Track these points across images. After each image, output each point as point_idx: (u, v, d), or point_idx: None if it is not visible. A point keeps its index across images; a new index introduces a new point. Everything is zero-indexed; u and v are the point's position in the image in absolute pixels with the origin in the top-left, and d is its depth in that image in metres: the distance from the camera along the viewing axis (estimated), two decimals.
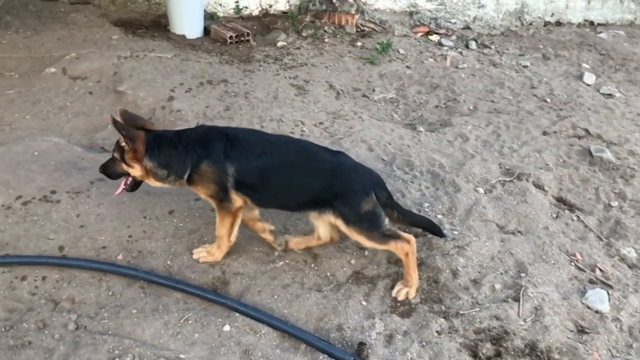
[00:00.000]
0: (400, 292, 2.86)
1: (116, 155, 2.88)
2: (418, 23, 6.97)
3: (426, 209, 3.54)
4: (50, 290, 2.73)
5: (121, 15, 6.70)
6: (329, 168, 2.84)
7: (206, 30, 6.45)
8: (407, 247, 2.82)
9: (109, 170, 2.99)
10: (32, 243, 2.99)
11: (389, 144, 4.24)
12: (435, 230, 3.13)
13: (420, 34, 6.94)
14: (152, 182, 2.90)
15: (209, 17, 6.59)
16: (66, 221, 3.16)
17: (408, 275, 2.87)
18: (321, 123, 4.50)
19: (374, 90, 5.48)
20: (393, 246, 2.83)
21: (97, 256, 2.95)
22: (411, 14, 7.03)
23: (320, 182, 2.81)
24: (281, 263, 3.00)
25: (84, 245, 3.00)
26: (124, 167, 2.87)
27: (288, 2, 6.88)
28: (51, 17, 6.39)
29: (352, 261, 3.07)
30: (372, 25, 6.84)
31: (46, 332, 2.51)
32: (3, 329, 2.50)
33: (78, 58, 5.27)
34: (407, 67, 5.97)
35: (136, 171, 2.85)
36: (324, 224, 2.98)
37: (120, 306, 2.67)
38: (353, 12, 6.76)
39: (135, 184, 3.00)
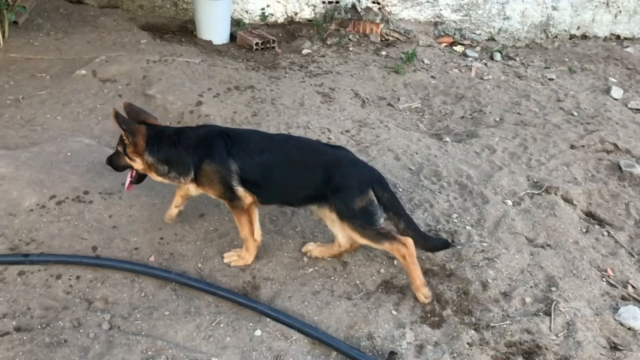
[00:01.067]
0: (423, 289, 2.84)
1: (119, 148, 2.95)
2: (442, 33, 6.98)
3: (454, 220, 3.53)
4: (85, 290, 2.76)
5: (149, 20, 6.79)
6: (328, 161, 2.87)
7: (232, 37, 6.51)
8: (403, 249, 2.78)
9: (114, 163, 3.06)
10: (67, 242, 3.03)
11: (416, 153, 4.24)
12: (442, 248, 3.09)
13: (444, 45, 6.94)
14: (154, 177, 2.97)
15: (235, 23, 6.66)
16: (99, 222, 3.20)
17: (411, 279, 2.85)
18: (347, 131, 4.52)
19: (399, 99, 5.49)
20: (388, 246, 2.80)
21: (130, 257, 2.98)
22: (436, 24, 7.04)
23: (319, 176, 2.83)
24: (311, 270, 3.01)
25: (117, 246, 3.03)
26: (127, 160, 2.94)
27: (313, 10, 6.92)
28: (81, 20, 6.49)
29: (382, 270, 3.07)
30: (396, 35, 6.85)
31: (81, 330, 2.53)
32: (39, 327, 2.54)
33: (108, 61, 5.35)
34: (432, 77, 5.97)
35: (138, 165, 2.93)
36: (340, 231, 2.95)
37: (152, 307, 2.69)
38: (378, 21, 6.78)
39: (140, 177, 3.07)
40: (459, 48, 6.87)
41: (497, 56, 6.72)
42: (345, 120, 4.68)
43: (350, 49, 6.48)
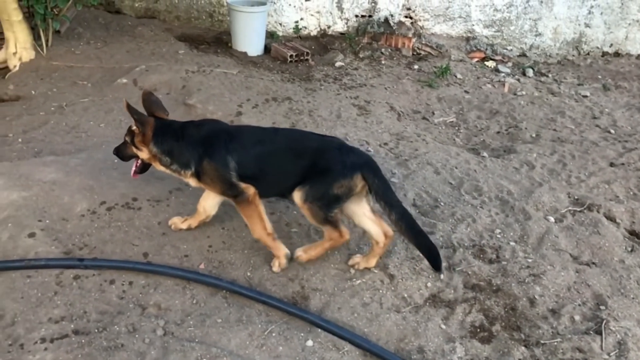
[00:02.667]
0: (300, 256, 3.00)
1: (127, 138, 3.09)
2: (474, 48, 7.00)
3: (498, 235, 3.53)
4: (138, 295, 2.80)
5: (185, 31, 6.92)
6: (315, 148, 2.93)
7: (266, 49, 6.61)
8: (334, 236, 2.91)
9: (121, 153, 3.21)
10: (118, 248, 3.08)
11: (455, 167, 4.25)
12: (433, 259, 2.97)
13: (475, 60, 6.96)
14: (158, 167, 3.09)
15: (269, 35, 6.75)
16: (148, 228, 3.25)
17: (316, 246, 3.00)
18: (386, 144, 4.54)
19: (433, 113, 5.51)
20: (326, 230, 2.92)
21: (180, 264, 3.02)
22: (467, 39, 7.06)
23: (306, 162, 2.88)
24: (358, 282, 3.02)
25: (167, 253, 3.08)
26: (134, 149, 3.07)
27: (346, 23, 6.99)
28: (119, 30, 6.64)
29: (429, 284, 3.07)
30: (428, 49, 6.89)
31: (136, 335, 2.57)
32: (96, 330, 2.58)
33: (147, 70, 5.46)
34: (466, 91, 5.99)
35: (144, 154, 3.05)
36: (363, 219, 3.01)
37: (205, 315, 2.72)
38: (410, 35, 6.83)
39: (144, 167, 3.17)
40: (490, 63, 6.89)
41: (530, 72, 6.72)
42: (383, 133, 4.72)
43: (383, 62, 6.53)
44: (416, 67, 6.47)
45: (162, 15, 7.03)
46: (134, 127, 3.00)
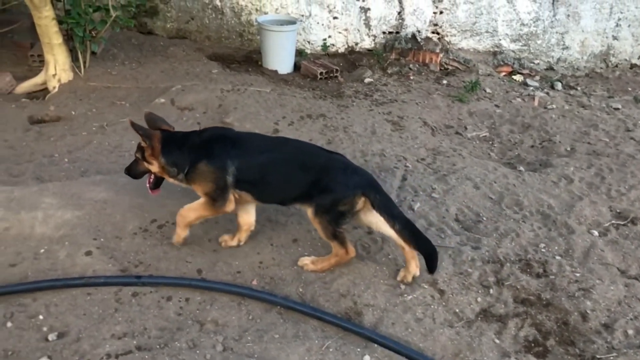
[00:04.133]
0: (306, 264, 3.16)
1: (138, 155, 3.20)
2: (501, 63, 7.04)
3: (542, 250, 3.53)
4: (195, 312, 2.86)
5: (215, 50, 7.06)
6: (321, 164, 3.07)
7: (295, 66, 6.70)
8: (341, 252, 3.06)
9: (133, 171, 3.31)
10: (172, 265, 3.15)
11: (494, 182, 4.27)
12: (428, 261, 3.06)
13: (503, 74, 7.00)
14: (167, 178, 3.21)
15: (297, 53, 6.85)
16: (199, 245, 3.32)
17: (323, 260, 3.14)
18: (423, 159, 4.58)
19: (466, 128, 5.54)
20: (334, 246, 3.06)
21: (234, 280, 3.08)
22: (495, 53, 7.11)
23: (310, 177, 3.02)
24: (410, 297, 3.05)
25: (220, 269, 3.14)
26: (145, 165, 3.18)
27: (373, 40, 7.08)
28: (152, 50, 6.79)
29: (479, 299, 3.09)
30: (455, 64, 6.94)
31: (197, 351, 2.62)
32: (158, 346, 2.63)
33: (183, 90, 5.57)
34: (496, 106, 6.01)
35: (155, 167, 3.16)
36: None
37: (262, 330, 2.77)
38: (437, 51, 6.89)
39: (157, 181, 3.28)
40: (518, 77, 6.91)
41: (558, 85, 6.73)
42: (419, 149, 4.76)
43: (411, 77, 6.59)
44: (445, 82, 6.52)
45: (193, 35, 7.18)
46: (143, 143, 3.13)
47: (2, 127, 4.88)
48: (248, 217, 3.32)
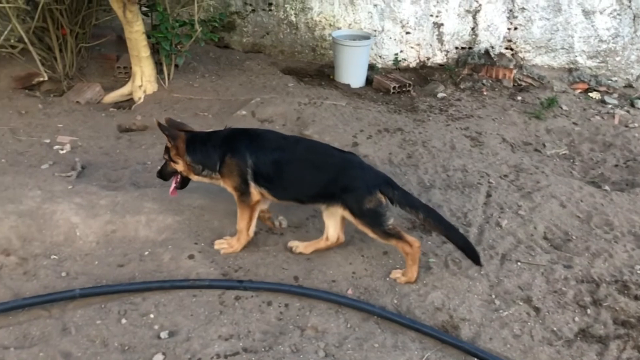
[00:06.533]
0: (399, 278, 3.20)
1: (166, 157, 3.40)
2: (577, 80, 6.90)
3: (638, 272, 3.45)
4: (295, 317, 2.95)
5: (289, 64, 7.24)
6: (337, 163, 3.18)
7: (367, 80, 6.79)
8: (407, 248, 3.10)
9: (163, 173, 3.50)
10: (270, 271, 3.26)
11: (581, 201, 4.20)
12: (470, 253, 3.16)
13: (578, 91, 6.85)
14: (193, 177, 3.38)
15: (369, 67, 6.94)
16: (294, 253, 3.42)
17: (408, 269, 3.17)
18: (506, 176, 4.56)
19: (544, 145, 5.47)
20: (394, 243, 3.13)
21: (330, 289, 3.16)
22: (570, 70, 6.98)
23: (327, 176, 3.14)
24: (505, 313, 3.04)
25: (316, 278, 3.23)
26: (173, 165, 3.37)
27: (446, 55, 7.10)
28: (228, 64, 7.04)
29: (576, 318, 3.05)
30: (529, 80, 6.86)
31: (300, 356, 2.71)
32: (263, 349, 2.74)
33: (263, 102, 5.74)
34: (574, 123, 5.91)
35: (180, 166, 3.35)
36: (333, 222, 3.29)
37: (361, 339, 2.83)
38: (511, 66, 6.84)
39: (184, 181, 3.46)
40: (595, 95, 6.76)
41: (638, 104, 6.54)
42: (501, 165, 4.73)
43: (485, 93, 6.56)
44: (519, 98, 6.45)
45: (267, 49, 7.40)
46: (169, 143, 3.33)
47: (96, 135, 5.17)
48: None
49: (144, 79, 6.03)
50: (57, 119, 5.42)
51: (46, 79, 5.96)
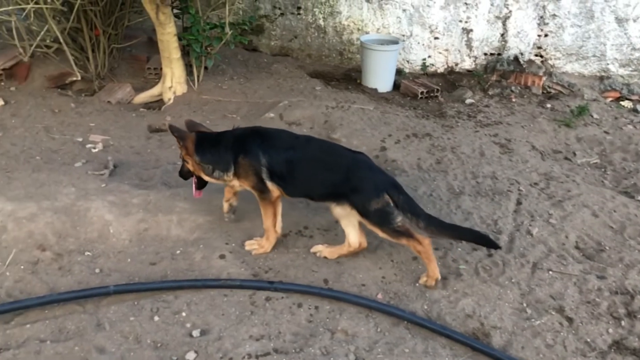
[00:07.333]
0: (426, 281, 3.20)
1: (181, 157, 3.47)
2: (609, 88, 6.80)
3: None
4: (325, 320, 2.96)
5: (316, 68, 7.26)
6: (347, 164, 3.22)
7: (394, 85, 6.78)
8: (419, 246, 3.13)
9: (182, 173, 3.58)
10: (300, 273, 3.27)
11: (614, 211, 4.13)
12: (484, 241, 3.28)
13: (610, 99, 6.75)
14: (204, 177, 3.41)
15: (396, 72, 6.92)
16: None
17: (428, 267, 3.19)
18: (536, 184, 4.51)
19: (574, 153, 5.39)
20: (405, 242, 3.15)
21: (360, 292, 3.16)
22: (601, 78, 6.88)
23: (337, 176, 3.18)
24: (538, 322, 3.01)
25: (346, 281, 3.23)
26: (187, 165, 3.42)
27: (474, 61, 7.06)
28: (256, 67, 7.09)
29: (610, 330, 3.00)
30: (559, 88, 6.78)
31: (331, 359, 2.71)
32: (293, 350, 2.75)
33: (290, 105, 5.77)
34: (605, 132, 5.81)
35: (190, 166, 3.39)
36: (352, 229, 3.31)
37: (391, 343, 2.82)
38: (541, 74, 6.76)
39: (200, 182, 3.49)
40: (627, 103, 6.65)
41: None
42: (531, 173, 4.68)
43: (513, 100, 6.50)
44: (549, 105, 6.38)
45: (295, 53, 7.44)
46: (178, 144, 3.39)
47: (128, 135, 5.26)
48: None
49: (174, 80, 6.11)
50: (89, 118, 5.53)
51: (79, 78, 6.08)
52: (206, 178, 3.45)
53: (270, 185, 3.28)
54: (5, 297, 3.03)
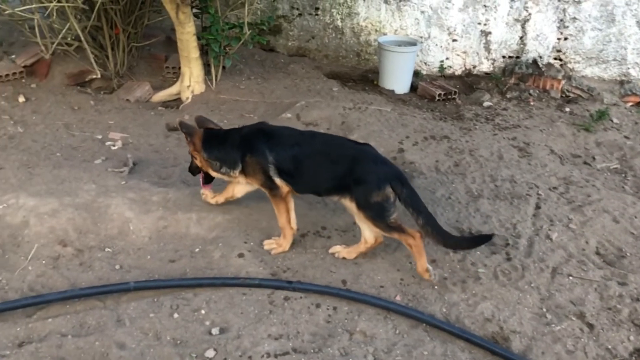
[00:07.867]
0: (425, 273, 3.18)
1: (189, 153, 3.52)
2: (629, 92, 6.73)
3: None
4: (343, 321, 2.96)
5: (332, 68, 7.26)
6: (351, 155, 3.21)
7: (411, 87, 6.76)
8: (410, 240, 3.13)
9: (191, 168, 3.67)
10: (318, 273, 3.28)
11: (635, 217, 4.09)
12: (478, 242, 3.37)
13: (630, 104, 6.68)
14: (212, 173, 3.48)
15: (414, 74, 6.90)
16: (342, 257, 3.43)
17: (417, 262, 3.19)
18: (555, 188, 4.47)
19: (594, 158, 5.34)
20: (397, 236, 3.16)
21: (378, 294, 3.15)
22: (621, 82, 6.81)
23: (342, 169, 3.17)
24: (558, 328, 2.99)
25: (364, 282, 3.23)
26: (195, 161, 3.48)
27: (492, 64, 7.02)
28: (273, 67, 7.10)
29: (631, 337, 2.97)
30: (578, 92, 6.72)
31: (350, 359, 2.71)
32: (312, 350, 2.75)
33: (307, 106, 5.78)
34: (626, 137, 5.75)
35: (198, 162, 3.47)
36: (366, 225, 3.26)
37: (410, 346, 2.81)
38: (559, 77, 6.70)
39: (206, 177, 3.56)
40: None
41: None
42: (550, 177, 4.65)
43: (532, 103, 6.45)
44: (567, 109, 6.32)
45: (312, 53, 7.45)
46: (185, 140, 3.46)
47: (146, 133, 5.29)
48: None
49: (192, 79, 6.14)
50: (108, 116, 5.57)
51: (99, 76, 6.13)
52: (213, 174, 3.51)
53: (278, 181, 3.30)
54: (28, 291, 3.07)
